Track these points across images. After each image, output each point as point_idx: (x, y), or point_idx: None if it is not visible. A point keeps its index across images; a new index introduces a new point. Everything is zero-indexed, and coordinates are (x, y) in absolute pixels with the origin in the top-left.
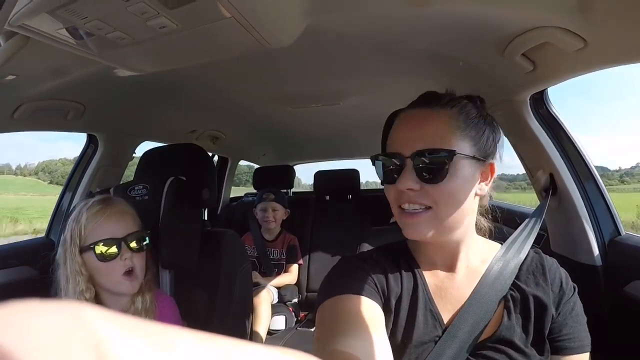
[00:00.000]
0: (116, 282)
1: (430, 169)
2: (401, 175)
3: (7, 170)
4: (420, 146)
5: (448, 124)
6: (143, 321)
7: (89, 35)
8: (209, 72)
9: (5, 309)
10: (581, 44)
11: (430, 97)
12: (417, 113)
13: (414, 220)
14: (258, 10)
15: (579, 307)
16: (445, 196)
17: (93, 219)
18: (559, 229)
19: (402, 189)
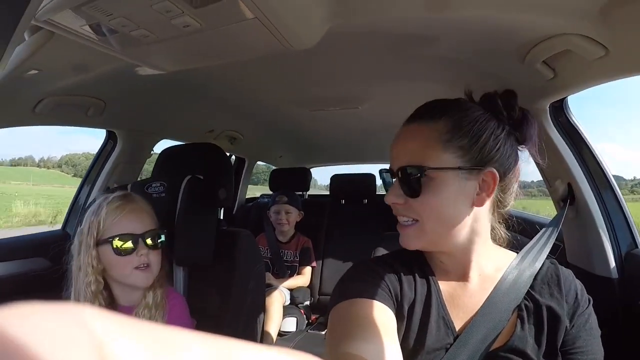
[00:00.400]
0: (129, 274)
1: (408, 184)
2: (389, 190)
3: (30, 162)
4: (401, 162)
5: (428, 137)
6: (147, 323)
7: (112, 32)
8: (229, 72)
9: (6, 311)
10: (602, 52)
11: (418, 111)
12: (405, 129)
13: (403, 232)
14: (282, 11)
15: (593, 320)
16: (427, 210)
17: (113, 214)
18: (575, 239)
19: (387, 202)
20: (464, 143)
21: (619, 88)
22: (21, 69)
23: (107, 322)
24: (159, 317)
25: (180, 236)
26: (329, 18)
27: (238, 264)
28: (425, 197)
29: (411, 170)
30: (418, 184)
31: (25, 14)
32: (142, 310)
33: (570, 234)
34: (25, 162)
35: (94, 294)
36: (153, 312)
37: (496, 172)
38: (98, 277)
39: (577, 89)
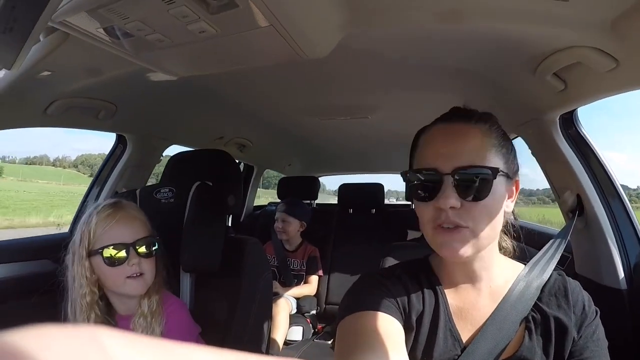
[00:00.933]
0: (122, 284)
1: (472, 186)
2: (441, 193)
3: (45, 162)
4: (461, 162)
5: (484, 140)
6: (163, 342)
7: (127, 36)
8: (241, 79)
9: (21, 334)
10: (613, 64)
11: (462, 111)
12: (451, 127)
13: (452, 239)
14: (297, 20)
15: (600, 331)
16: (484, 214)
17: (102, 223)
18: (584, 250)
19: (445, 207)
20: (505, 152)
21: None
22: (34, 69)
23: (124, 344)
24: (155, 324)
25: (187, 242)
26: (343, 27)
27: (245, 272)
28: (486, 201)
29: (479, 172)
30: (487, 187)
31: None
32: (138, 319)
33: (579, 244)
34: (41, 161)
35: (89, 305)
36: (149, 320)
37: (519, 182)
38: (93, 288)
39: (587, 101)
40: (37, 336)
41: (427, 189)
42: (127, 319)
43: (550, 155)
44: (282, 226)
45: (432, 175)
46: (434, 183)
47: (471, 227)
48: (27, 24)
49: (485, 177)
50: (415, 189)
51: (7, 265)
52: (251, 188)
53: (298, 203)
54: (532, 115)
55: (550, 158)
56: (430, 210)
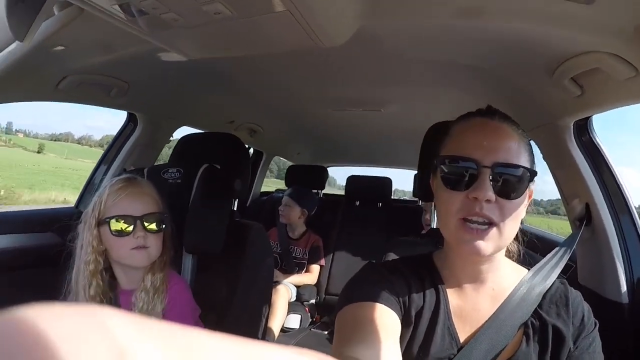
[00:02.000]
0: (126, 255)
1: (510, 183)
2: (478, 184)
3: (71, 139)
4: (502, 158)
5: (521, 141)
6: (165, 324)
7: (142, 14)
8: (255, 64)
9: (22, 313)
10: (633, 72)
11: (495, 111)
12: (492, 123)
13: (479, 236)
14: (314, 6)
15: (597, 343)
16: (513, 213)
17: (113, 195)
18: (588, 261)
19: (481, 198)
20: (531, 158)
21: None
22: (48, 43)
23: (129, 326)
24: (157, 300)
25: (191, 224)
26: (360, 17)
27: (247, 256)
28: (519, 200)
29: (520, 171)
30: (523, 187)
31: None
32: (139, 294)
33: (584, 254)
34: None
35: (91, 273)
36: (151, 296)
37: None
38: (98, 257)
39: (603, 109)
40: (38, 315)
41: (460, 178)
42: (129, 293)
43: (561, 162)
44: (284, 210)
45: (470, 165)
46: (470, 173)
47: (500, 225)
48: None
49: (522, 176)
50: (446, 177)
51: (12, 235)
52: (259, 173)
53: (305, 191)
54: (546, 119)
55: (561, 164)
56: (459, 200)
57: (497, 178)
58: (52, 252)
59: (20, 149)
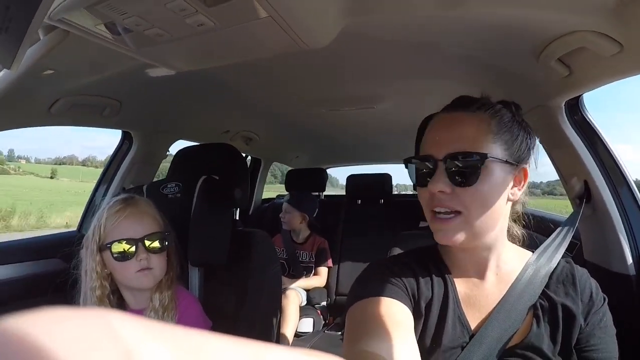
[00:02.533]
0: (131, 278)
1: (462, 172)
2: (433, 178)
3: (75, 162)
4: (452, 149)
5: (480, 127)
6: (172, 326)
7: (127, 31)
8: (245, 72)
9: (28, 317)
10: (617, 48)
11: (463, 100)
12: (449, 116)
13: (445, 226)
14: (295, 10)
15: (608, 318)
16: (476, 200)
17: (112, 219)
18: (592, 237)
19: (434, 191)
20: (507, 138)
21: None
22: (36, 68)
23: (134, 327)
24: (167, 319)
25: (194, 237)
26: (343, 17)
27: (254, 265)
28: (477, 186)
29: (468, 158)
30: (475, 173)
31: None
32: (149, 313)
33: (587, 231)
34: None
35: (99, 299)
36: (161, 314)
37: (527, 169)
38: (103, 282)
39: (592, 86)
40: (45, 319)
41: (424, 174)
42: (138, 312)
43: (556, 142)
44: (285, 216)
45: (428, 161)
46: (430, 169)
47: (464, 213)
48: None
49: (472, 162)
50: (415, 175)
51: (17, 265)
52: (259, 181)
53: (304, 196)
54: (538, 101)
55: (556, 145)
56: (426, 195)
57: (451, 169)
58: (58, 278)
59: (31, 175)
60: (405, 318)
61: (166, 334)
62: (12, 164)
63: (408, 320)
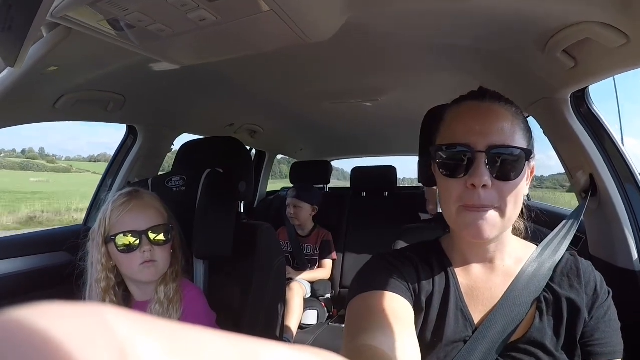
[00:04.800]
0: (136, 271)
1: (507, 165)
2: (474, 170)
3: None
4: (496, 141)
5: (514, 121)
6: (171, 323)
7: (129, 27)
8: (248, 66)
9: (23, 312)
10: (623, 40)
11: (491, 91)
12: (483, 106)
13: (481, 217)
14: (297, 3)
15: (612, 311)
16: (512, 194)
17: (117, 211)
18: (597, 231)
19: (478, 184)
20: (528, 135)
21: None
22: (40, 65)
23: (129, 322)
24: (173, 311)
25: (199, 230)
26: (346, 10)
27: (258, 257)
28: (516, 182)
29: (514, 152)
30: (520, 168)
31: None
32: (154, 306)
33: (593, 225)
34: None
35: (104, 290)
36: (166, 307)
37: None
38: (109, 274)
39: (598, 78)
40: (40, 313)
41: (457, 165)
42: (143, 305)
43: (562, 135)
44: (293, 212)
45: (465, 151)
46: (465, 160)
47: (500, 208)
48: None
49: (518, 157)
50: (443, 165)
51: (25, 258)
52: (264, 174)
53: (308, 187)
54: (543, 94)
55: (562, 137)
56: (458, 187)
57: (494, 161)
58: (65, 271)
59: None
60: (406, 312)
61: (161, 330)
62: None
63: (408, 315)
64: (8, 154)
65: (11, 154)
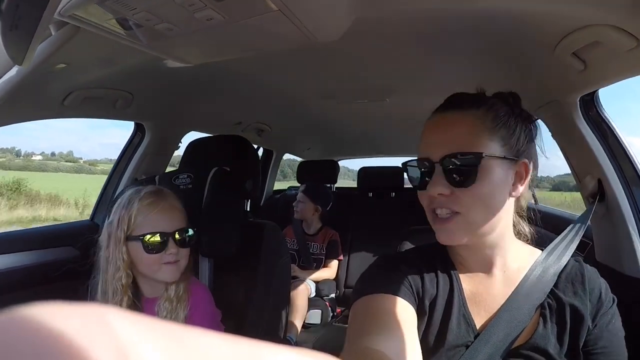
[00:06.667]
0: (157, 270)
1: (459, 172)
2: (431, 181)
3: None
4: (448, 150)
5: (475, 125)
6: (173, 325)
7: (137, 26)
8: (257, 64)
9: (24, 312)
10: (634, 43)
11: (456, 99)
12: (443, 117)
13: (445, 226)
14: (305, 3)
15: (617, 319)
16: (476, 200)
17: (145, 211)
18: (605, 237)
19: (433, 194)
20: (504, 133)
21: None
22: (49, 63)
23: (131, 324)
24: (180, 309)
25: (206, 228)
26: (354, 10)
27: (263, 256)
28: (475, 186)
29: (464, 158)
30: (473, 173)
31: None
32: (163, 303)
33: (600, 231)
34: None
35: (124, 287)
36: (174, 305)
37: (529, 163)
38: (128, 272)
39: (608, 82)
40: (40, 313)
41: (422, 177)
42: (152, 301)
43: (570, 138)
44: (297, 205)
45: (425, 164)
46: (427, 171)
47: (463, 213)
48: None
49: (468, 162)
50: (412, 178)
51: (32, 252)
52: (271, 172)
53: (320, 188)
54: (552, 96)
55: (570, 141)
56: (426, 197)
57: (448, 170)
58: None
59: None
60: (409, 316)
61: (162, 331)
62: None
63: (411, 318)
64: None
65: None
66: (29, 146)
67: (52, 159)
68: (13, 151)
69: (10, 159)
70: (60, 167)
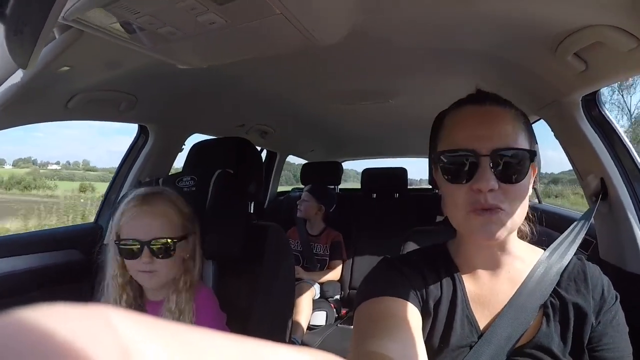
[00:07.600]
0: (136, 276)
1: (509, 168)
2: (479, 175)
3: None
4: (499, 144)
5: (515, 123)
6: (176, 326)
7: (140, 30)
8: (260, 67)
9: (27, 313)
10: (634, 43)
11: (491, 94)
12: (484, 109)
13: (490, 220)
14: (307, 7)
15: (620, 316)
16: (519, 196)
17: (126, 214)
18: (608, 235)
19: (484, 189)
20: (530, 135)
21: None
22: (53, 66)
23: (134, 325)
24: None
25: (209, 230)
26: (355, 13)
27: (267, 258)
28: (522, 183)
29: (517, 153)
30: (524, 169)
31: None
32: (165, 313)
33: (603, 230)
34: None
35: (121, 286)
36: (176, 316)
37: (535, 164)
38: (123, 270)
39: (609, 82)
40: (43, 315)
41: (462, 171)
42: (157, 304)
43: (572, 138)
44: (301, 204)
45: (469, 156)
46: (470, 165)
47: (507, 209)
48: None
49: (522, 159)
50: (447, 171)
51: (38, 255)
52: (274, 174)
53: (325, 189)
54: (554, 97)
55: (573, 141)
56: (464, 192)
57: (498, 165)
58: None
59: None
60: (414, 318)
61: (165, 331)
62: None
63: (416, 321)
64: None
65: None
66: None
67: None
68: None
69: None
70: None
